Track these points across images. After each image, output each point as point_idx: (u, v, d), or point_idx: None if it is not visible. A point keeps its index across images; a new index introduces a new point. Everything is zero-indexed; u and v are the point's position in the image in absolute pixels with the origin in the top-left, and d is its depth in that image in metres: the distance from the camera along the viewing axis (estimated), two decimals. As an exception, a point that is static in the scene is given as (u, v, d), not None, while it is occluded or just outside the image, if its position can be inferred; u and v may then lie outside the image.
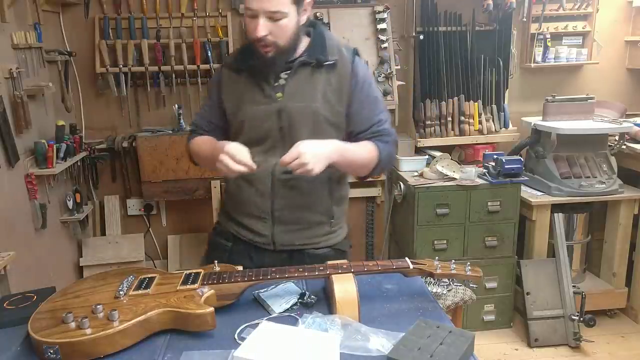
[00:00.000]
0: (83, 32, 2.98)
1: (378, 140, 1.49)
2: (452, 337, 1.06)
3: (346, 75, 1.46)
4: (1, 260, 1.95)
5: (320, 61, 1.44)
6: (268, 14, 1.33)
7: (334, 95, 1.45)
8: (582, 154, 2.99)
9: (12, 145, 2.26)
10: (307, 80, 1.45)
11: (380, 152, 1.48)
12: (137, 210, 3.21)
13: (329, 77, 1.45)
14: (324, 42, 1.47)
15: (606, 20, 3.35)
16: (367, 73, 1.52)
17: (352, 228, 3.43)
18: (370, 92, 1.51)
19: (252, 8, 1.34)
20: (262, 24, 1.34)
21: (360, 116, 1.49)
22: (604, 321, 3.05)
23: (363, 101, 1.48)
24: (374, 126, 1.50)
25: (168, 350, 1.09)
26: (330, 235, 1.58)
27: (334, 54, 1.46)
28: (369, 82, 1.51)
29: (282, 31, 1.36)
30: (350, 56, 1.48)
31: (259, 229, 1.52)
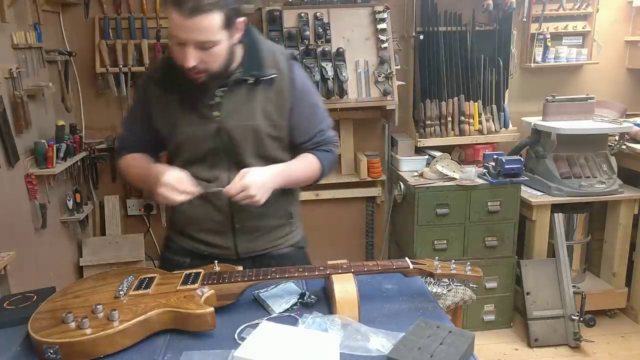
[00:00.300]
0: (83, 32, 2.98)
1: (320, 150, 1.48)
2: (452, 337, 1.06)
3: (285, 89, 1.40)
4: (1, 260, 1.95)
5: (257, 77, 1.37)
6: (197, 43, 1.24)
7: (275, 110, 1.41)
8: (582, 154, 2.99)
9: (12, 145, 2.26)
10: (245, 98, 1.39)
11: (322, 163, 1.48)
12: (137, 210, 3.21)
13: (268, 92, 1.39)
14: (259, 54, 1.39)
15: (606, 20, 3.35)
16: (305, 81, 1.46)
17: (352, 228, 3.44)
18: (310, 100, 1.46)
19: (177, 37, 1.24)
20: (192, 53, 1.25)
21: (301, 129, 1.45)
22: (604, 321, 3.05)
23: (303, 112, 1.44)
24: (316, 137, 1.48)
25: (168, 350, 1.09)
26: (290, 235, 1.56)
27: (271, 67, 1.39)
28: (308, 90, 1.46)
29: (214, 58, 1.28)
30: (286, 65, 1.41)
31: (219, 242, 1.48)
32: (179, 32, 1.23)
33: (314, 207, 3.28)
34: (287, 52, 1.46)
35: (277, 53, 1.42)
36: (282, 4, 2.99)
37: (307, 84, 1.47)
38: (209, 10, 1.20)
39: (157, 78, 1.42)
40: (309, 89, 1.47)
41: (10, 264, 2.00)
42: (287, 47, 2.91)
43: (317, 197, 3.24)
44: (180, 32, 1.23)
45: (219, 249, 1.48)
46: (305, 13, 2.97)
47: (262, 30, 2.97)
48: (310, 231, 3.45)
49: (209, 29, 1.23)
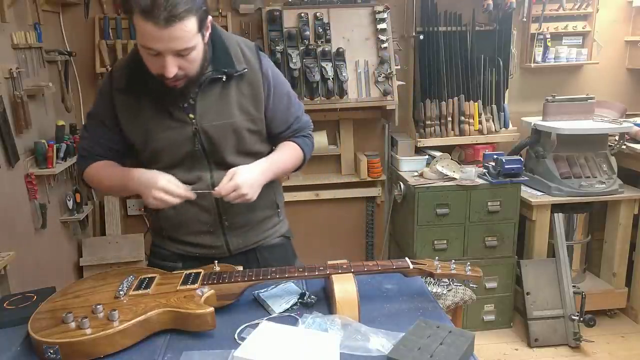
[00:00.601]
0: (83, 32, 2.98)
1: (299, 137, 1.51)
2: (452, 337, 1.06)
3: (258, 81, 1.38)
4: (1, 260, 1.95)
5: (229, 74, 1.34)
6: (176, 52, 1.19)
7: (251, 104, 1.39)
8: (582, 154, 2.99)
9: (12, 145, 2.26)
10: (219, 96, 1.36)
11: (304, 150, 1.51)
12: (137, 210, 3.21)
13: (241, 87, 1.37)
14: (226, 49, 1.36)
15: (606, 20, 3.35)
16: (274, 70, 1.44)
17: (352, 228, 3.44)
18: (282, 90, 1.45)
19: (154, 49, 1.18)
20: (171, 63, 1.20)
21: (277, 119, 1.46)
22: (604, 321, 3.05)
23: (278, 103, 1.44)
24: (293, 124, 1.49)
25: (168, 350, 1.09)
26: (278, 225, 1.57)
27: (240, 61, 1.36)
28: (279, 80, 1.45)
29: (193, 63, 1.25)
30: (255, 58, 1.39)
31: (210, 242, 1.46)
32: (154, 43, 1.17)
33: (314, 207, 3.29)
34: (251, 44, 1.43)
35: (243, 46, 1.40)
36: (282, 4, 2.99)
37: (277, 73, 1.46)
38: (184, 17, 1.15)
39: (123, 87, 1.35)
40: (280, 79, 1.46)
41: (10, 264, 2.01)
42: (288, 47, 2.92)
43: (317, 197, 3.24)
44: (155, 43, 1.17)
45: (210, 249, 1.47)
46: (305, 13, 2.97)
47: (262, 30, 2.97)
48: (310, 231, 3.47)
49: (186, 36, 1.18)
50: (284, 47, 2.90)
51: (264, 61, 1.41)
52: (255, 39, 3.05)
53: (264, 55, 1.43)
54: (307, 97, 2.93)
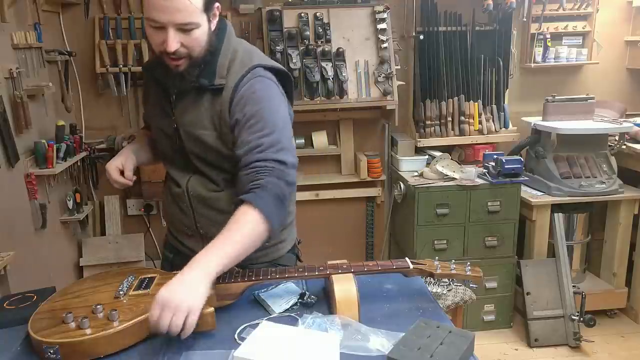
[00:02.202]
0: (83, 32, 2.98)
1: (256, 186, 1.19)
2: (452, 337, 1.06)
3: (227, 98, 1.28)
4: (1, 260, 1.95)
5: (202, 85, 1.28)
6: (178, 25, 1.18)
7: (220, 120, 1.30)
8: (582, 154, 2.99)
9: (12, 145, 2.26)
10: (192, 103, 1.33)
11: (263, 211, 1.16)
12: (137, 210, 3.21)
13: (215, 100, 1.30)
14: (215, 59, 1.29)
15: (606, 20, 3.35)
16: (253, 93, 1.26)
17: (352, 228, 3.44)
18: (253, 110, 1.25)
19: (158, 20, 1.17)
20: (173, 36, 1.18)
21: (239, 138, 1.26)
22: (604, 321, 3.05)
23: (241, 124, 1.25)
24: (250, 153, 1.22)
25: (168, 350, 1.09)
26: (265, 251, 1.42)
27: (222, 75, 1.29)
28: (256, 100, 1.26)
29: (196, 42, 1.22)
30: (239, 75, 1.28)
31: (190, 245, 1.45)
32: (157, 14, 1.16)
33: (314, 207, 3.28)
34: (251, 63, 1.30)
35: (237, 60, 1.30)
36: (282, 4, 2.99)
37: (259, 96, 1.27)
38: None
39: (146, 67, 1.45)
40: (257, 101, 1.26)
41: (10, 264, 2.00)
42: (288, 47, 2.92)
43: (317, 197, 3.24)
44: (158, 14, 1.16)
45: (191, 252, 1.38)
46: (305, 13, 2.97)
47: (262, 31, 2.97)
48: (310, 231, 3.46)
49: (190, 9, 1.17)
50: (284, 47, 2.90)
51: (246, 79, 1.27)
52: (255, 39, 3.05)
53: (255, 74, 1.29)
54: (307, 97, 2.93)
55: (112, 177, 1.41)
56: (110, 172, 1.41)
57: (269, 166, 1.21)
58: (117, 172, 1.41)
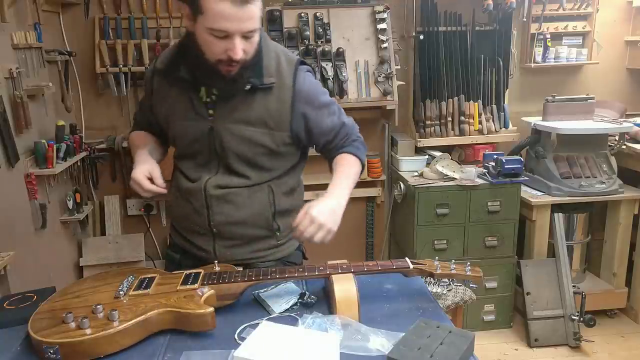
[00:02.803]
0: (83, 32, 2.98)
1: (350, 145, 1.47)
2: (452, 337, 1.06)
3: (287, 99, 1.36)
4: (1, 260, 1.95)
5: (254, 85, 1.32)
6: (244, 33, 1.21)
7: (272, 119, 1.36)
8: (582, 154, 2.99)
9: (12, 145, 2.26)
10: (241, 102, 1.35)
11: (359, 157, 1.48)
12: (137, 210, 3.21)
13: (267, 100, 1.35)
14: (260, 59, 1.34)
15: (606, 20, 3.35)
16: (310, 86, 1.40)
17: (352, 228, 3.44)
18: (320, 101, 1.42)
19: (226, 30, 1.19)
20: (239, 44, 1.21)
21: (322, 129, 1.43)
22: (604, 321, 3.05)
23: (318, 115, 1.41)
24: (340, 132, 1.46)
25: (168, 350, 1.09)
26: (277, 249, 1.49)
27: (271, 74, 1.35)
28: (315, 92, 1.41)
29: (253, 47, 1.27)
30: (291, 73, 1.37)
31: (200, 243, 1.46)
32: (226, 23, 1.18)
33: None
34: (294, 59, 1.40)
35: (282, 59, 1.37)
36: (282, 4, 2.99)
37: (313, 89, 1.41)
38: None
39: (163, 69, 1.40)
40: (316, 91, 1.42)
41: (10, 264, 2.00)
42: (287, 47, 2.91)
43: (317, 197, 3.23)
44: (229, 23, 1.18)
45: (201, 251, 1.47)
46: (305, 13, 2.97)
47: (262, 30, 2.97)
48: (310, 231, 3.43)
49: (256, 17, 1.22)
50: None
51: (300, 78, 1.38)
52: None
53: (303, 69, 1.40)
54: (307, 97, 2.93)
55: (144, 186, 1.33)
56: (142, 181, 1.33)
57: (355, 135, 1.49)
58: (147, 181, 1.34)
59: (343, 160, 1.45)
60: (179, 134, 1.41)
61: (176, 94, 1.39)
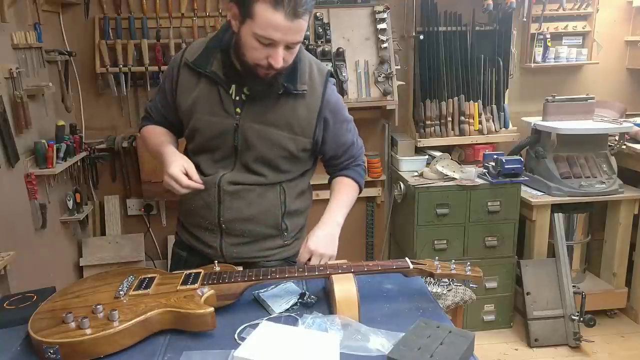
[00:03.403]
0: (83, 32, 2.98)
1: (353, 170, 1.56)
2: (452, 337, 1.06)
3: (316, 107, 1.39)
4: (1, 260, 1.95)
5: (287, 90, 1.35)
6: (289, 44, 1.24)
7: (299, 124, 1.39)
8: (582, 154, 2.99)
9: (12, 145, 2.26)
10: (271, 104, 1.37)
11: (358, 182, 1.56)
12: (137, 210, 3.21)
13: (296, 106, 1.38)
14: (295, 66, 1.36)
15: (606, 20, 3.35)
16: (337, 100, 1.47)
17: (352, 228, 3.44)
18: (342, 117, 1.48)
19: (273, 39, 1.21)
20: (282, 54, 1.24)
21: (336, 142, 1.49)
22: (604, 321, 3.05)
23: (337, 129, 1.47)
24: (349, 150, 1.53)
25: (168, 350, 1.09)
26: (283, 248, 1.51)
27: (304, 82, 1.37)
28: (338, 107, 1.47)
29: (293, 56, 1.30)
30: (322, 83, 1.41)
31: (207, 240, 1.47)
32: (276, 33, 1.19)
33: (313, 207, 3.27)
34: (325, 69, 1.44)
35: (315, 68, 1.41)
36: (282, 4, 2.99)
37: (339, 102, 1.48)
38: (307, 11, 1.20)
39: (191, 61, 1.39)
40: (341, 106, 1.48)
41: (10, 264, 2.00)
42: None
43: (317, 197, 3.23)
44: (278, 33, 1.19)
45: (207, 247, 1.47)
46: (305, 13, 2.97)
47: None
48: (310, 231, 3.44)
49: (303, 30, 1.23)
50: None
51: (330, 89, 1.42)
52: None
53: (332, 81, 1.45)
54: (307, 97, 2.94)
55: (183, 182, 1.30)
56: (180, 177, 1.30)
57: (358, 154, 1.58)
58: (185, 176, 1.31)
59: (344, 184, 1.54)
60: (202, 128, 1.40)
61: (203, 88, 1.39)
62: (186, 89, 1.41)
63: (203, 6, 3.01)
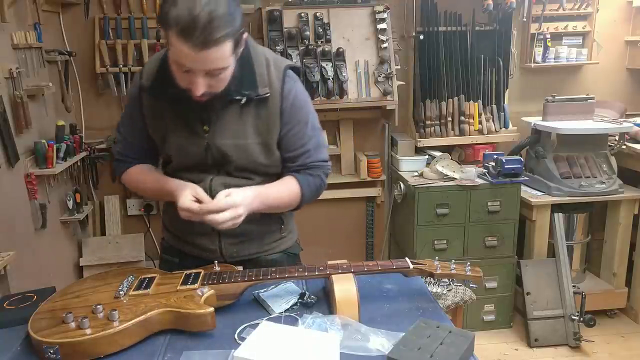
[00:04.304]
0: (83, 32, 2.98)
1: (304, 174, 1.41)
2: (452, 337, 1.06)
3: (276, 105, 1.33)
4: (1, 260, 1.95)
5: (250, 97, 1.30)
6: (207, 72, 1.18)
7: (266, 127, 1.35)
8: (582, 154, 2.99)
9: (12, 145, 2.26)
10: (236, 116, 1.32)
11: (302, 190, 1.39)
12: (137, 210, 3.21)
13: (260, 110, 1.33)
14: (253, 69, 1.31)
15: (606, 20, 3.35)
16: (298, 96, 1.37)
17: (352, 228, 3.44)
18: (299, 117, 1.37)
19: (187, 67, 1.16)
20: (201, 82, 1.18)
21: (286, 144, 1.38)
22: (604, 321, 3.05)
23: (289, 128, 1.37)
24: (302, 157, 1.40)
25: (168, 350, 1.09)
26: (282, 240, 1.51)
27: (264, 84, 1.31)
28: (300, 106, 1.37)
29: (222, 83, 1.23)
30: (280, 81, 1.33)
31: (205, 244, 1.44)
32: (187, 62, 1.15)
33: (314, 207, 3.25)
34: (282, 65, 1.35)
35: (272, 65, 1.34)
36: (282, 4, 2.99)
37: (301, 100, 1.38)
38: (221, 41, 1.12)
39: (150, 86, 1.34)
40: (301, 106, 1.38)
41: (10, 264, 2.00)
42: (288, 47, 2.92)
43: (317, 197, 3.24)
44: (188, 62, 1.15)
45: (205, 251, 1.45)
46: (305, 13, 2.97)
47: (262, 30, 2.97)
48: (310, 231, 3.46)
49: (220, 59, 1.16)
50: (284, 47, 2.90)
51: (288, 84, 1.35)
52: (255, 39, 3.05)
53: (291, 77, 1.37)
54: (307, 97, 2.93)
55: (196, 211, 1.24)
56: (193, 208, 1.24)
57: (317, 164, 1.43)
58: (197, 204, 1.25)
59: (286, 182, 1.40)
60: (175, 150, 1.37)
61: (169, 111, 1.34)
62: (153, 115, 1.37)
63: (203, 6, 3.01)
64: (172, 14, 1.11)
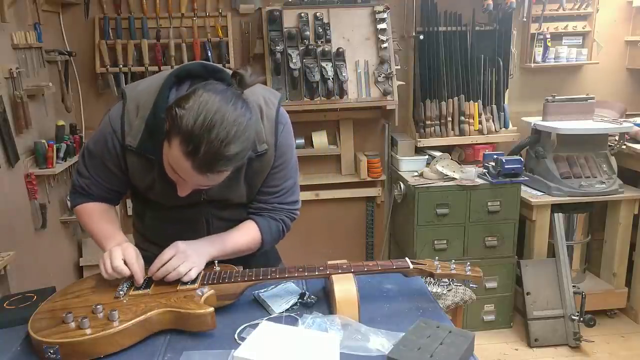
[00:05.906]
0: (83, 32, 2.98)
1: (268, 217, 1.38)
2: (452, 337, 1.06)
3: (270, 158, 1.30)
4: (1, 260, 1.95)
5: (250, 157, 1.24)
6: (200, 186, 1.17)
7: (258, 177, 1.33)
8: (582, 154, 2.99)
9: (12, 145, 2.26)
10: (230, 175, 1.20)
11: (263, 235, 1.36)
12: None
13: (254, 163, 1.28)
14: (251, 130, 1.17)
15: (606, 20, 3.35)
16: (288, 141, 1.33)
17: (352, 228, 3.44)
18: (286, 158, 1.34)
19: (182, 177, 1.12)
20: (190, 187, 1.17)
21: (268, 179, 1.35)
22: (604, 321, 3.05)
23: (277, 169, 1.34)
24: (275, 195, 1.37)
25: (168, 350, 1.09)
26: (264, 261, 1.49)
27: (262, 140, 1.26)
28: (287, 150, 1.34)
29: (218, 181, 1.16)
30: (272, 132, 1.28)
31: None
32: (181, 173, 1.11)
33: (314, 207, 3.29)
34: (272, 113, 1.28)
35: (265, 118, 1.27)
36: (282, 4, 2.99)
37: (290, 144, 1.35)
38: (223, 170, 1.11)
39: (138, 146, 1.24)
40: (288, 150, 1.35)
41: (10, 264, 2.01)
42: (288, 47, 2.92)
43: (317, 197, 3.24)
44: (183, 174, 1.11)
45: None
46: (305, 13, 2.97)
47: (262, 31, 2.97)
48: (310, 231, 3.46)
49: (218, 181, 1.15)
50: (284, 47, 2.91)
51: (281, 137, 1.30)
52: (255, 39, 3.06)
53: (282, 122, 1.31)
54: (307, 97, 2.94)
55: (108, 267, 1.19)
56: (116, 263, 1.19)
57: (285, 208, 1.41)
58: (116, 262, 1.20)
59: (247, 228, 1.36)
60: (163, 197, 1.31)
61: (158, 164, 1.22)
62: (140, 172, 1.28)
63: (203, 6, 3.02)
64: (185, 124, 1.04)
